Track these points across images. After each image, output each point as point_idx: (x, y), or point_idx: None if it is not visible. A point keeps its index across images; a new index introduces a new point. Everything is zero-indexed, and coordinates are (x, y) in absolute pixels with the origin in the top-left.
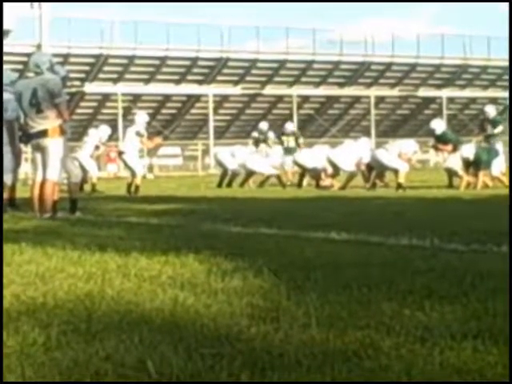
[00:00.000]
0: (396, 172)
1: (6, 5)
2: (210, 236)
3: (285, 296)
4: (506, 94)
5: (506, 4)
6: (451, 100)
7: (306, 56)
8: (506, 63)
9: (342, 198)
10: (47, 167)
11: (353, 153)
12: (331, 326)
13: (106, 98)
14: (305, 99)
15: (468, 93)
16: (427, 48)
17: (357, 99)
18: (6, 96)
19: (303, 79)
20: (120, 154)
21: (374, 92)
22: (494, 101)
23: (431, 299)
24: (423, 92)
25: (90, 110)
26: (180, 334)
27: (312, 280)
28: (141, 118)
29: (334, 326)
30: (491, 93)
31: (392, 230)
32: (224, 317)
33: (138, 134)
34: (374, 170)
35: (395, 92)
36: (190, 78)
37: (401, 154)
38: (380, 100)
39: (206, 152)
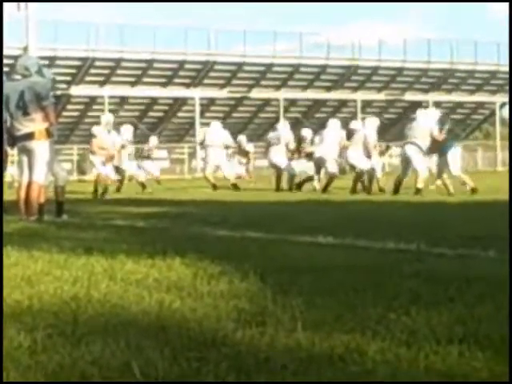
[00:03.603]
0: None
1: None
2: (197, 239)
3: (271, 300)
4: (493, 99)
5: (495, 8)
6: (438, 104)
7: (292, 60)
8: (493, 68)
9: (330, 202)
10: (33, 170)
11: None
12: (317, 330)
13: (93, 100)
14: (292, 103)
15: (455, 97)
16: (414, 52)
17: (344, 103)
18: None
19: (290, 83)
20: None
21: (360, 96)
22: (481, 105)
23: (417, 304)
24: (410, 96)
25: (76, 113)
26: (166, 337)
27: (298, 284)
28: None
29: (320, 330)
30: (478, 97)
31: (379, 234)
32: (210, 320)
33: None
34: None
35: (382, 96)
36: (176, 81)
37: None
38: (367, 104)
39: (192, 155)
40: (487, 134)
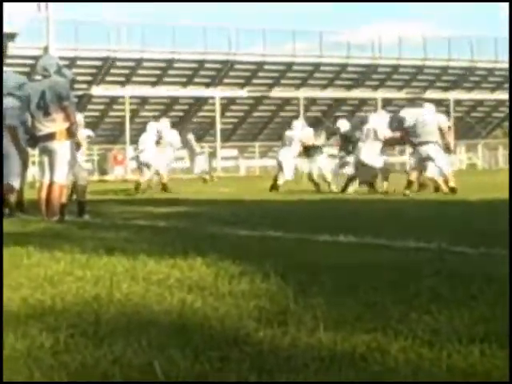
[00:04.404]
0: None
1: (14, 7)
2: (217, 239)
3: (292, 299)
4: None
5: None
6: (458, 102)
7: (312, 59)
8: None
9: (346, 201)
10: (54, 170)
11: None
12: (338, 330)
13: (114, 100)
14: (312, 102)
15: (475, 95)
16: (434, 50)
17: (364, 102)
18: (12, 102)
19: (310, 82)
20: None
21: (381, 94)
22: (501, 103)
23: (438, 302)
24: (430, 94)
25: (97, 113)
26: (188, 336)
27: (319, 283)
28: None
29: (341, 329)
30: (498, 95)
31: (398, 232)
32: (231, 320)
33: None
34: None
35: (402, 94)
36: (197, 80)
37: None
38: (387, 102)
39: (212, 155)
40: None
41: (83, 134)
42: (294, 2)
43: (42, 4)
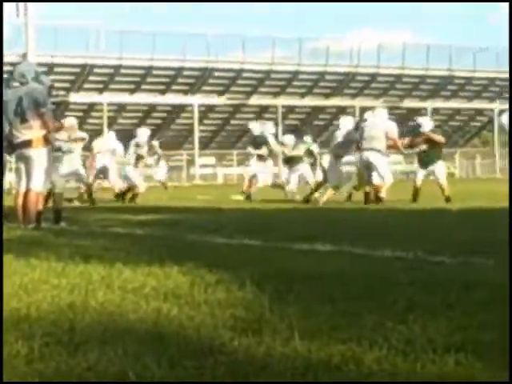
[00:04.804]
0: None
1: None
2: (194, 247)
3: (267, 308)
4: (491, 106)
5: (494, 16)
6: (436, 111)
7: (291, 66)
8: (491, 74)
9: (325, 210)
10: (31, 177)
11: None
12: (314, 339)
13: (91, 107)
14: (290, 110)
15: (453, 104)
16: (413, 59)
17: (342, 110)
18: None
19: (289, 90)
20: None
21: (359, 103)
22: (479, 112)
23: (414, 312)
24: (408, 103)
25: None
26: (163, 345)
27: (295, 292)
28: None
29: (317, 338)
30: (476, 104)
31: (376, 241)
32: (207, 329)
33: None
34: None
35: (380, 103)
36: (175, 87)
37: None
38: (365, 111)
39: (190, 162)
40: (486, 141)
41: (78, 136)
42: (274, 9)
43: (21, 9)
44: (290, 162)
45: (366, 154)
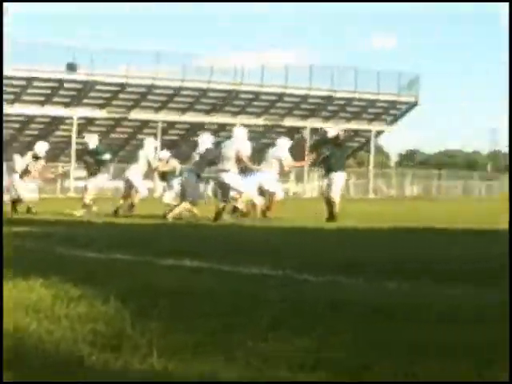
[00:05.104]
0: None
1: None
2: (62, 261)
3: (129, 323)
4: (369, 127)
5: (377, 39)
6: (315, 131)
7: (174, 82)
8: (372, 96)
9: (199, 226)
10: None
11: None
12: (173, 356)
13: None
14: (170, 125)
15: (331, 124)
16: (295, 78)
17: (223, 127)
18: None
19: (170, 105)
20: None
21: (240, 120)
22: (357, 133)
23: (277, 330)
24: (288, 122)
25: None
26: (21, 360)
27: (160, 307)
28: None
29: (176, 356)
30: (354, 125)
31: (245, 258)
32: (66, 343)
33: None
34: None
35: (261, 121)
36: (56, 99)
37: None
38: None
39: (66, 175)
40: (361, 161)
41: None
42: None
43: None
44: (165, 176)
45: (221, 175)
